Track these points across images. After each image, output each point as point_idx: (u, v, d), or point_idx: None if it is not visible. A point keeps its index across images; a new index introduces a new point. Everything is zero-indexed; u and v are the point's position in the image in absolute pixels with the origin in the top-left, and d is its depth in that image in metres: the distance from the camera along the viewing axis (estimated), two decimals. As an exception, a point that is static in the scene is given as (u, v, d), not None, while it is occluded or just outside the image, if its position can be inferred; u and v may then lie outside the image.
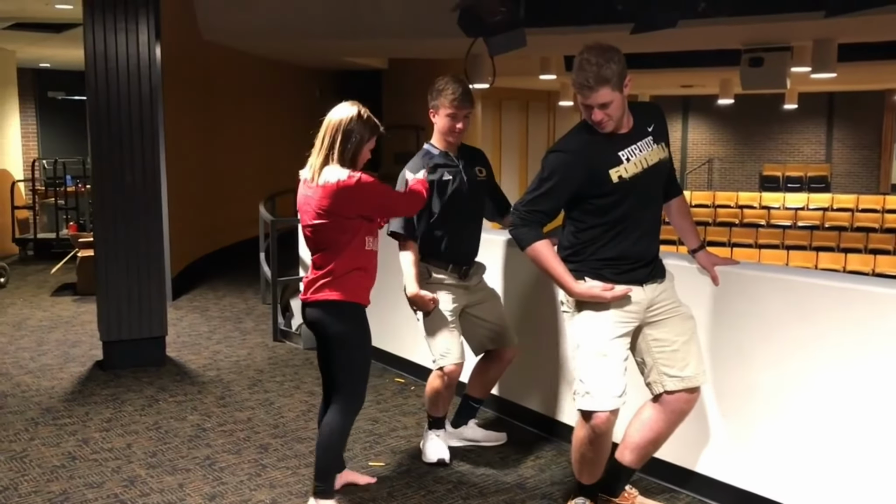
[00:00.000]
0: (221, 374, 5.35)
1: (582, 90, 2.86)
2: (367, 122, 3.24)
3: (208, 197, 9.03)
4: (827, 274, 3.35)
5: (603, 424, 2.96)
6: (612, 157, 2.95)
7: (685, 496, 3.51)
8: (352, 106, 3.25)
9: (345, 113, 3.23)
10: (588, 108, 2.90)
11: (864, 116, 20.33)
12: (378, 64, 12.35)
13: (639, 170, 2.97)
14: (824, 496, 3.07)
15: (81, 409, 4.64)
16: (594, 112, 2.89)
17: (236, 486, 3.63)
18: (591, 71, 2.81)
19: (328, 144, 3.19)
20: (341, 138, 3.18)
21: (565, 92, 15.86)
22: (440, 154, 3.73)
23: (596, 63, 2.81)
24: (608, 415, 2.95)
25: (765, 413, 3.24)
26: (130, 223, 5.32)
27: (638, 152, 2.98)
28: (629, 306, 2.99)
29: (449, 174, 3.70)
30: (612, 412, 2.96)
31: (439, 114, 3.68)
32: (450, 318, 3.70)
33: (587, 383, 2.97)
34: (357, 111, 3.24)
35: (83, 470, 3.81)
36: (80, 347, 6.00)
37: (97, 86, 5.23)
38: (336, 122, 3.21)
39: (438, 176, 3.67)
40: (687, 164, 22.46)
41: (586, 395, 2.97)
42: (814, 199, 17.11)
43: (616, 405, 2.96)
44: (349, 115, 3.22)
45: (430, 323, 3.70)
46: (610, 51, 2.86)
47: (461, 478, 3.72)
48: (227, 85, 9.88)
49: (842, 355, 2.99)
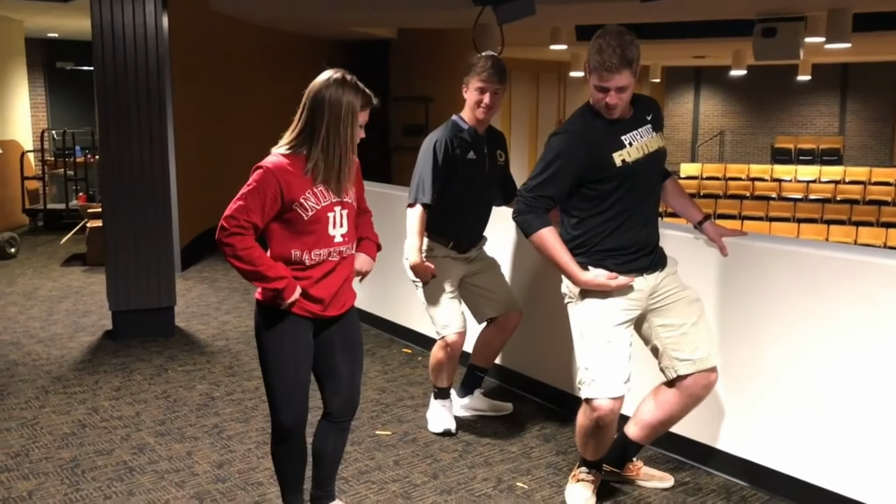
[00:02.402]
0: (230, 343, 5.38)
1: (601, 72, 2.82)
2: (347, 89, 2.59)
3: (217, 167, 9.02)
4: (836, 246, 3.33)
5: (608, 413, 2.96)
6: (616, 140, 2.94)
7: (690, 467, 3.53)
8: (334, 72, 2.64)
9: (320, 79, 2.63)
10: (604, 91, 2.87)
11: (878, 88, 20.08)
12: (387, 34, 12.25)
13: (640, 155, 2.97)
14: (832, 468, 3.08)
15: (91, 378, 4.68)
16: (609, 95, 2.87)
17: (244, 454, 3.67)
18: (615, 53, 2.79)
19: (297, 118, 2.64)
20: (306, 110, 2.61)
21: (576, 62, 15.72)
22: (468, 130, 3.70)
23: (618, 45, 2.79)
24: (613, 402, 2.95)
25: (772, 385, 3.23)
26: (138, 194, 5.33)
27: (640, 138, 2.99)
28: (632, 294, 2.99)
29: (474, 154, 3.67)
30: (617, 399, 2.96)
31: (470, 87, 3.64)
32: (450, 289, 3.70)
33: (592, 370, 2.97)
34: (337, 76, 2.62)
35: (93, 437, 3.85)
36: (90, 317, 6.04)
37: (104, 56, 5.21)
38: (308, 90, 2.63)
39: (464, 154, 3.65)
40: (698, 136, 22.28)
41: (592, 382, 2.97)
42: (826, 171, 16.96)
43: (622, 392, 2.97)
44: (321, 81, 2.62)
45: (430, 294, 3.71)
46: (628, 34, 2.83)
47: (467, 447, 3.74)
48: (234, 56, 9.83)
49: (851, 328, 2.98)
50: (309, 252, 2.64)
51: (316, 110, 2.58)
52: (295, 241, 2.63)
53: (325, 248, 2.66)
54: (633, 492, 3.31)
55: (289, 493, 2.90)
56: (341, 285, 2.73)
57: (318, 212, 2.62)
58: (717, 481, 3.41)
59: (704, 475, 3.46)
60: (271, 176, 2.56)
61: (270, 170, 2.57)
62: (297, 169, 2.60)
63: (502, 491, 3.33)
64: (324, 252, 2.66)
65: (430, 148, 3.62)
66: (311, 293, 2.66)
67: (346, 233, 2.70)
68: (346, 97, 2.59)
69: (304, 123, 2.61)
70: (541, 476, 3.47)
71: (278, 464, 2.87)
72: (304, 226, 2.61)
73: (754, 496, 3.28)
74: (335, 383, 2.81)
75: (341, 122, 2.59)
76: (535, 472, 3.51)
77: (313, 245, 2.64)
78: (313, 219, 2.61)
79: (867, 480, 2.97)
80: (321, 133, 2.58)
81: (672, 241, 3.33)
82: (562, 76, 17.75)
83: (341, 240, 2.70)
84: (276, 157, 2.62)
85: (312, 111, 2.59)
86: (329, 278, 2.69)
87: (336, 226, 2.67)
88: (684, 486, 3.37)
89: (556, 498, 3.27)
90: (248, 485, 3.38)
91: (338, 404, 2.84)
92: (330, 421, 2.86)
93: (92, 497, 3.26)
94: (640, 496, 3.28)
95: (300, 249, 2.64)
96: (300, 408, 2.74)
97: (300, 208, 2.59)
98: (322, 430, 2.88)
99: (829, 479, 3.08)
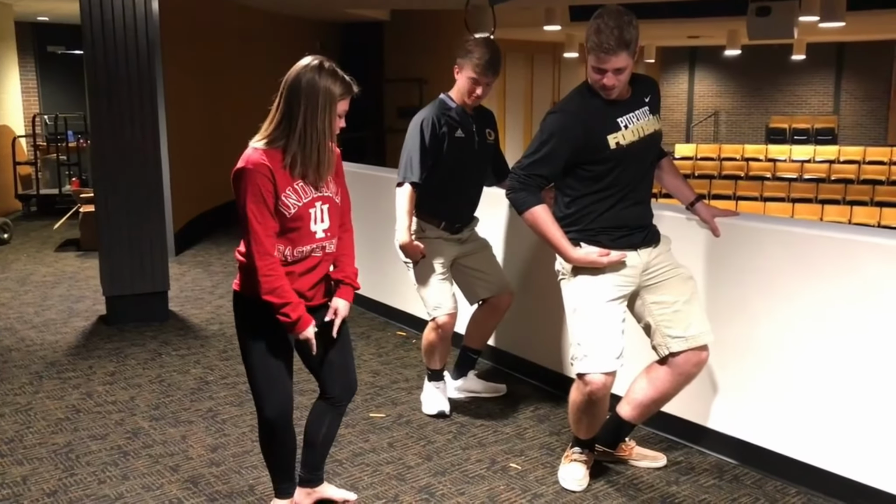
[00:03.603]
0: (224, 327, 5.38)
1: (599, 53, 2.80)
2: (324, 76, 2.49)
3: (211, 151, 8.99)
4: (828, 225, 3.33)
5: (601, 388, 2.97)
6: (612, 122, 2.93)
7: (683, 446, 3.54)
8: (312, 59, 2.54)
9: (296, 66, 2.53)
10: (601, 73, 2.85)
11: (873, 67, 20.05)
12: (380, 16, 12.19)
13: (635, 138, 2.96)
14: (823, 447, 3.10)
15: (85, 363, 4.68)
16: (607, 76, 2.85)
17: (238, 438, 3.67)
18: (613, 34, 2.76)
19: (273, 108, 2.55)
20: (283, 100, 2.52)
21: (571, 43, 15.66)
22: (456, 109, 3.68)
23: (616, 26, 2.77)
24: (606, 377, 2.96)
25: (764, 364, 3.24)
26: (131, 178, 5.31)
27: (636, 120, 2.97)
28: (625, 270, 3.00)
29: (462, 132, 3.66)
30: (609, 374, 2.97)
31: (462, 73, 3.61)
32: (441, 270, 3.70)
33: (585, 346, 2.98)
34: (314, 62, 2.52)
35: (87, 422, 3.85)
36: (84, 302, 6.04)
37: (93, 39, 5.17)
38: (285, 79, 2.53)
39: (452, 132, 3.63)
40: (693, 116, 22.25)
41: (584, 357, 2.97)
42: (820, 151, 16.95)
43: (614, 367, 2.97)
44: (298, 68, 2.52)
45: (421, 275, 3.71)
46: (627, 14, 2.81)
47: (461, 429, 3.76)
48: (227, 39, 9.77)
49: (844, 308, 2.98)
50: (292, 249, 2.59)
51: (293, 99, 2.49)
52: (280, 238, 2.57)
53: (307, 245, 2.61)
54: (626, 471, 3.33)
55: (279, 480, 2.89)
56: (322, 278, 2.71)
57: (300, 209, 2.55)
58: (709, 460, 3.43)
59: (697, 454, 3.48)
60: (258, 174, 2.47)
61: (252, 171, 2.47)
62: (275, 163, 2.51)
63: (496, 472, 3.35)
64: (306, 248, 2.62)
65: (416, 126, 3.61)
66: (294, 287, 2.60)
67: (327, 228, 2.64)
68: (324, 84, 2.48)
69: (282, 114, 2.51)
70: (534, 457, 3.48)
71: (266, 453, 2.86)
72: (286, 223, 2.54)
73: (746, 475, 3.30)
74: (329, 367, 2.80)
75: (318, 111, 2.48)
76: (528, 452, 3.52)
77: (297, 242, 2.59)
78: (295, 216, 2.54)
79: (859, 458, 2.99)
80: (298, 123, 2.48)
81: (665, 221, 3.33)
82: (556, 57, 17.69)
83: (323, 235, 2.64)
84: (254, 152, 2.51)
85: (289, 100, 2.49)
86: (311, 274, 2.66)
87: (318, 221, 2.61)
88: (677, 465, 3.39)
89: (550, 478, 3.28)
90: (243, 468, 3.39)
91: (336, 387, 2.83)
92: (329, 404, 2.85)
93: (86, 482, 3.27)
94: (633, 476, 3.30)
95: (283, 245, 2.57)
96: (284, 399, 2.71)
97: (282, 206, 2.52)
98: (318, 411, 2.87)
99: (821, 458, 3.10)
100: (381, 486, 3.23)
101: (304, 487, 2.97)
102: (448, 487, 3.22)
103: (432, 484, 3.25)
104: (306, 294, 2.66)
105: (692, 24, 13.79)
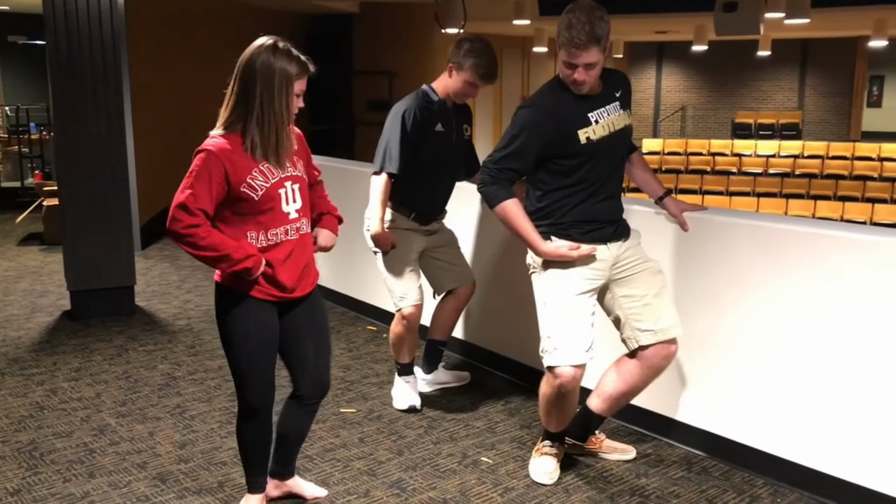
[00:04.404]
0: (192, 322, 5.32)
1: (570, 48, 2.80)
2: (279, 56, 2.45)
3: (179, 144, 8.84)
4: (794, 219, 3.38)
5: (570, 381, 2.98)
6: (583, 117, 2.94)
7: (652, 439, 3.57)
8: (266, 39, 2.50)
9: (250, 48, 2.49)
10: (571, 67, 2.85)
11: (836, 63, 20.37)
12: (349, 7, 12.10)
13: (606, 133, 2.97)
14: (790, 439, 3.14)
15: (49, 360, 4.60)
16: (577, 72, 2.85)
17: (207, 434, 3.64)
18: (584, 29, 2.76)
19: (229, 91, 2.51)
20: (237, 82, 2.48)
21: (540, 38, 15.69)
22: (438, 102, 3.67)
23: (588, 21, 2.76)
24: (575, 370, 2.97)
25: (732, 357, 3.28)
26: (95, 171, 5.22)
27: (606, 115, 2.98)
28: (594, 263, 3.01)
29: (442, 126, 3.65)
30: (578, 367, 2.98)
31: (459, 75, 3.59)
32: (409, 262, 3.70)
33: (555, 339, 2.99)
34: (268, 42, 2.48)
35: (52, 420, 3.79)
36: (48, 297, 5.93)
37: (56, 29, 5.07)
38: (239, 61, 2.49)
39: (432, 126, 3.62)
40: (660, 111, 22.43)
41: (554, 350, 2.98)
42: (785, 146, 17.19)
43: (583, 360, 2.98)
44: (252, 50, 2.47)
45: (389, 265, 3.71)
46: (599, 9, 2.81)
47: (432, 423, 3.75)
48: (195, 30, 9.64)
49: (810, 300, 3.02)
50: (265, 232, 2.55)
51: (248, 81, 2.44)
52: (249, 223, 2.53)
53: (281, 227, 2.58)
54: (597, 464, 3.35)
55: (253, 474, 2.87)
56: (304, 266, 2.67)
57: (269, 190, 2.52)
58: (678, 453, 3.46)
59: (666, 447, 3.51)
60: (214, 159, 2.44)
61: (213, 152, 2.45)
62: (236, 147, 2.48)
63: (467, 466, 3.35)
64: (280, 231, 2.58)
65: (398, 116, 3.58)
66: (276, 278, 2.58)
67: (300, 208, 2.62)
68: (279, 64, 2.44)
69: (237, 97, 2.47)
70: (505, 450, 3.49)
71: (244, 444, 2.83)
72: (256, 206, 2.51)
73: (714, 466, 3.34)
74: (303, 365, 2.77)
75: (275, 91, 2.44)
76: (499, 446, 3.53)
77: (269, 224, 2.55)
78: (265, 198, 2.51)
79: (825, 449, 3.03)
80: (254, 105, 2.44)
81: (635, 215, 3.35)
82: (526, 51, 17.71)
83: (296, 216, 2.61)
84: (215, 138, 2.49)
85: (244, 82, 2.45)
86: (291, 260, 2.61)
87: (289, 202, 2.57)
88: (646, 457, 3.42)
89: (521, 472, 3.29)
90: (212, 464, 3.35)
91: (307, 386, 2.81)
92: (299, 403, 2.83)
93: (51, 480, 3.21)
94: (603, 468, 3.32)
95: (255, 230, 2.54)
96: (268, 388, 2.71)
97: (249, 189, 2.49)
98: (289, 410, 2.85)
99: (788, 449, 3.14)
100: (352, 481, 3.22)
101: (274, 479, 2.96)
102: (419, 482, 3.21)
103: (403, 479, 3.24)
104: (289, 286, 2.61)
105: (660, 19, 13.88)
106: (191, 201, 2.43)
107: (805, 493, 3.10)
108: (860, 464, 2.93)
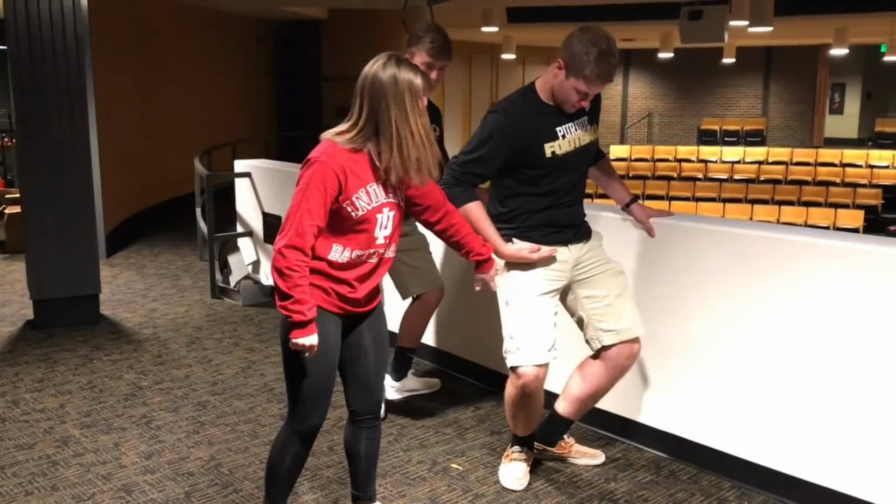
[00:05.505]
0: (158, 331, 5.26)
1: (595, 82, 2.80)
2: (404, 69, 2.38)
3: (144, 151, 8.77)
4: (760, 224, 3.42)
5: (533, 380, 2.99)
6: (550, 131, 2.95)
7: (621, 443, 3.59)
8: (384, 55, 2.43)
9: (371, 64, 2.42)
10: (579, 94, 2.85)
11: (799, 71, 20.70)
12: (317, 14, 12.07)
13: (571, 148, 2.99)
14: (757, 442, 3.17)
15: (11, 370, 4.52)
16: (586, 100, 2.89)
17: (174, 444, 3.59)
18: (614, 66, 2.79)
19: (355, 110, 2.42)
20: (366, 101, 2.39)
21: (508, 45, 15.77)
22: None
23: (616, 56, 2.80)
24: (538, 369, 2.99)
25: (700, 362, 3.31)
26: (58, 178, 5.14)
27: (574, 130, 3.00)
28: (556, 265, 3.04)
29: None
30: (541, 367, 2.99)
31: (415, 59, 3.58)
32: None
33: (517, 339, 3.00)
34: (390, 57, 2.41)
35: (13, 431, 3.72)
36: (10, 307, 5.82)
37: (18, 33, 4.99)
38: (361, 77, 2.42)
39: None
40: (627, 118, 22.63)
41: (517, 350, 3.00)
42: (750, 152, 17.45)
43: (546, 359, 3.00)
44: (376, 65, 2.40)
45: None
46: (612, 36, 2.83)
47: (401, 430, 3.74)
48: (160, 34, 9.55)
49: (776, 303, 3.06)
50: (351, 251, 2.45)
51: (377, 99, 2.35)
52: (338, 237, 2.44)
53: (367, 249, 2.48)
54: (566, 469, 3.36)
55: (277, 499, 2.73)
56: (377, 284, 2.60)
57: (369, 212, 2.42)
58: (646, 456, 3.48)
59: (635, 451, 3.53)
60: (329, 170, 2.34)
61: (328, 164, 2.35)
62: (357, 165, 2.39)
63: (437, 473, 3.34)
64: (365, 253, 2.49)
65: None
66: (351, 297, 2.50)
67: (389, 235, 2.53)
68: (406, 77, 2.36)
69: (367, 116, 2.37)
70: (475, 457, 3.49)
71: (282, 467, 2.65)
72: (349, 223, 2.42)
73: (682, 470, 3.36)
74: (361, 379, 2.68)
75: (408, 109, 2.36)
76: (469, 453, 3.53)
77: (357, 244, 2.46)
78: (361, 218, 2.43)
79: (791, 452, 3.07)
80: (390, 128, 2.35)
81: (602, 222, 3.38)
82: (494, 58, 17.79)
83: (383, 242, 2.52)
84: (334, 147, 2.38)
85: (372, 100, 2.35)
86: (369, 281, 2.54)
87: (382, 227, 2.49)
88: (615, 462, 3.43)
89: (491, 478, 3.29)
90: (179, 475, 3.31)
91: (361, 401, 2.71)
92: (356, 423, 2.73)
93: (12, 493, 3.15)
94: (573, 473, 3.33)
95: (343, 245, 2.44)
96: (327, 407, 2.62)
97: (351, 206, 2.40)
98: (351, 432, 2.76)
99: (754, 452, 3.17)
100: (320, 490, 3.19)
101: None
102: (389, 490, 3.20)
103: (373, 486, 3.22)
104: (361, 300, 2.55)
105: (626, 27, 14.02)
106: (306, 221, 2.34)
107: (772, 495, 3.13)
108: (826, 466, 2.97)
